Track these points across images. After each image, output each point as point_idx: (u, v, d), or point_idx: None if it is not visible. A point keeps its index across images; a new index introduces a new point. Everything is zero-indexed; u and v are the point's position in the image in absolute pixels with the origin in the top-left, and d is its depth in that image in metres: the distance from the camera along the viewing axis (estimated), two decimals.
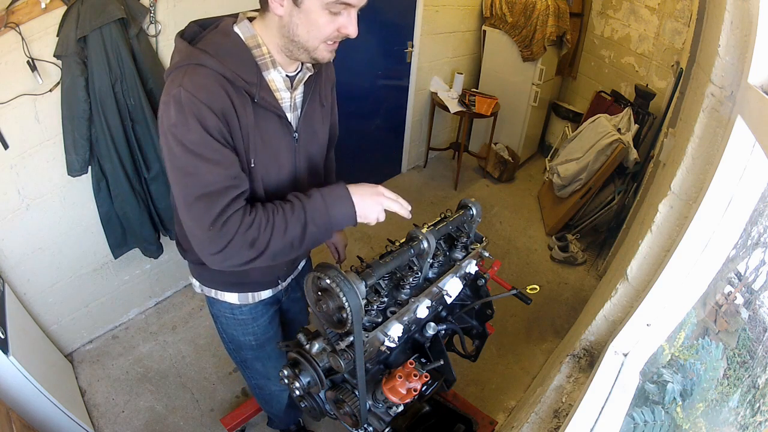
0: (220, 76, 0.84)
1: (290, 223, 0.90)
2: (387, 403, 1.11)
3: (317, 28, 0.85)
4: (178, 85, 0.81)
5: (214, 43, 0.87)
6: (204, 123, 0.81)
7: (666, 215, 1.19)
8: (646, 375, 1.28)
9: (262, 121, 0.93)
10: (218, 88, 0.83)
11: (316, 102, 1.06)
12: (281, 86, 0.96)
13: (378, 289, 1.07)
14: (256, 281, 1.21)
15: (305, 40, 0.87)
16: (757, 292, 1.19)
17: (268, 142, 0.96)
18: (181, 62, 0.84)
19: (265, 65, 0.92)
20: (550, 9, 3.25)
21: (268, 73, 0.93)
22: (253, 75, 0.88)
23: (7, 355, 1.41)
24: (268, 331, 1.33)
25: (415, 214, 1.09)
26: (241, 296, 1.22)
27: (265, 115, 0.93)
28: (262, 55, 0.92)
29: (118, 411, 1.95)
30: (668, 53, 2.93)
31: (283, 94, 0.97)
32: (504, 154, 3.80)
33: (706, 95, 1.01)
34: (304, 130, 1.04)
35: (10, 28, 1.47)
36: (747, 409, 1.10)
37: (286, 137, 1.00)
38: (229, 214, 0.85)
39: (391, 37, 3.11)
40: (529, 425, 1.21)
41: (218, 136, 0.84)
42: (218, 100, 0.83)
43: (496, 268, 2.07)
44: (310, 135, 1.07)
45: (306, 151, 1.07)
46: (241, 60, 0.88)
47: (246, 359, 1.37)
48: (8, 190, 1.69)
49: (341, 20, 0.86)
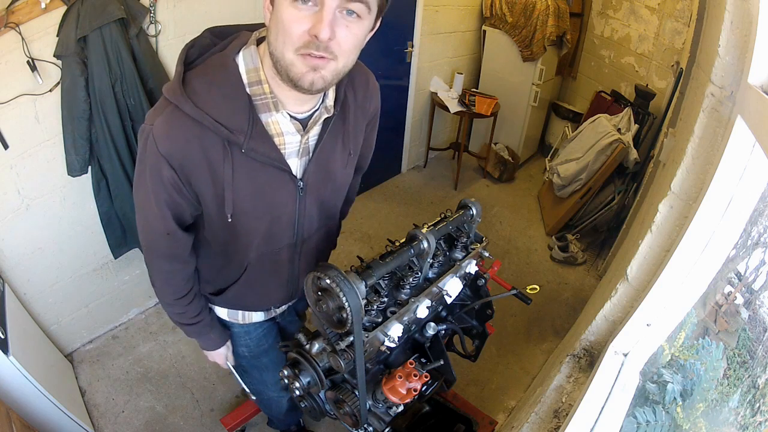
0: (197, 124, 0.76)
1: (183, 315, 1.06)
2: (387, 403, 1.11)
3: (284, 29, 0.70)
4: (151, 123, 0.78)
5: (206, 78, 0.78)
6: (159, 173, 0.80)
7: (666, 215, 1.19)
8: (647, 375, 1.28)
9: (254, 172, 0.83)
10: (187, 140, 0.77)
11: (336, 145, 0.93)
12: (288, 129, 0.84)
13: (378, 289, 1.07)
14: (246, 305, 1.18)
15: (279, 51, 0.73)
16: (757, 292, 1.19)
17: (260, 194, 0.87)
18: (167, 93, 0.78)
19: (265, 106, 0.81)
20: (550, 9, 3.25)
21: (269, 115, 0.81)
22: (243, 121, 0.78)
23: (7, 355, 1.41)
24: (261, 344, 1.28)
25: (415, 214, 1.09)
26: (230, 312, 1.18)
27: (260, 166, 0.83)
28: (263, 94, 0.80)
29: (118, 411, 1.95)
30: (668, 53, 2.93)
31: (290, 138, 0.85)
32: (504, 154, 3.80)
33: (706, 95, 1.01)
34: (314, 177, 0.92)
35: (10, 28, 1.47)
36: (747, 409, 1.10)
37: (285, 187, 0.89)
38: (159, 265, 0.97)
39: (391, 37, 3.11)
40: (529, 425, 1.21)
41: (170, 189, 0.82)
42: (181, 152, 0.78)
43: (496, 268, 2.07)
44: (322, 181, 0.95)
45: (316, 197, 0.97)
46: (231, 103, 0.78)
47: (242, 366, 1.35)
48: (8, 190, 1.69)
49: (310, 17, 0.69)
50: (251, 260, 1.02)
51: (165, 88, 0.78)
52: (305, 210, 0.97)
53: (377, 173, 3.67)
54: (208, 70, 0.79)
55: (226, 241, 0.97)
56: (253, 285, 1.08)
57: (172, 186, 0.82)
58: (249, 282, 1.07)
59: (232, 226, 0.90)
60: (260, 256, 1.01)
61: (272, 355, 1.33)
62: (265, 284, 1.11)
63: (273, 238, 0.98)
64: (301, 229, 1.00)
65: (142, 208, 0.89)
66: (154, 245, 0.94)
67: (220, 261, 1.04)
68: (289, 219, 0.96)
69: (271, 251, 1.01)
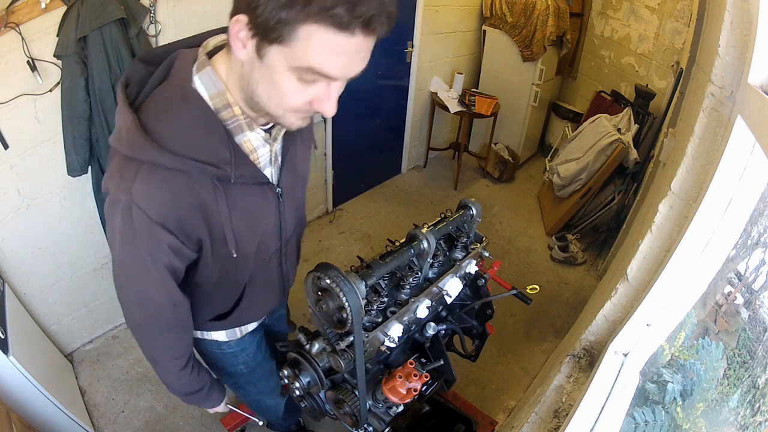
0: (181, 174, 0.69)
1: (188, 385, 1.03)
2: (387, 403, 1.11)
3: (280, 95, 0.65)
4: (127, 192, 0.67)
5: (169, 117, 0.68)
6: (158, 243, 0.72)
7: (666, 215, 1.19)
8: (646, 375, 1.28)
9: (241, 197, 0.80)
10: (176, 196, 0.70)
11: (296, 142, 0.90)
12: (259, 143, 0.80)
13: (378, 289, 1.07)
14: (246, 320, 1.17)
15: (266, 104, 0.68)
16: (757, 292, 1.19)
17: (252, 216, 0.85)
18: (131, 152, 0.66)
19: (238, 128, 0.75)
20: (550, 9, 3.25)
21: (243, 136, 0.76)
22: (225, 151, 0.71)
23: (7, 355, 1.41)
24: (257, 357, 1.29)
25: (415, 214, 1.09)
26: (228, 332, 1.17)
27: (244, 189, 0.80)
28: (234, 117, 0.73)
29: (118, 411, 1.95)
30: (668, 53, 2.93)
31: (262, 151, 0.82)
32: (504, 154, 3.80)
33: (706, 95, 1.01)
34: (286, 180, 0.91)
35: (10, 28, 1.47)
36: (747, 409, 1.10)
37: (267, 198, 0.88)
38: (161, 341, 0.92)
39: (391, 37, 3.06)
40: (529, 425, 1.21)
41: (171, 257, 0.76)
42: (176, 212, 0.71)
43: (496, 268, 2.07)
44: (294, 179, 0.95)
45: (292, 198, 0.97)
46: (207, 134, 0.70)
47: (238, 384, 1.34)
48: (8, 190, 1.69)
49: (315, 91, 0.64)
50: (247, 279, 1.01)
51: (126, 146, 0.67)
52: (285, 214, 0.95)
53: (377, 173, 3.67)
54: (166, 108, 0.69)
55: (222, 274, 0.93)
56: (253, 301, 1.08)
57: (174, 252, 0.75)
58: (249, 300, 1.06)
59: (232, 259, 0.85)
60: (254, 272, 1.00)
61: (266, 365, 1.34)
62: (262, 295, 1.11)
63: (263, 250, 0.97)
64: (284, 234, 0.99)
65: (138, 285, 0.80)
66: (156, 320, 0.86)
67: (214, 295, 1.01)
68: (274, 228, 0.95)
69: (263, 262, 1.00)
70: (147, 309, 0.84)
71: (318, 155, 2.99)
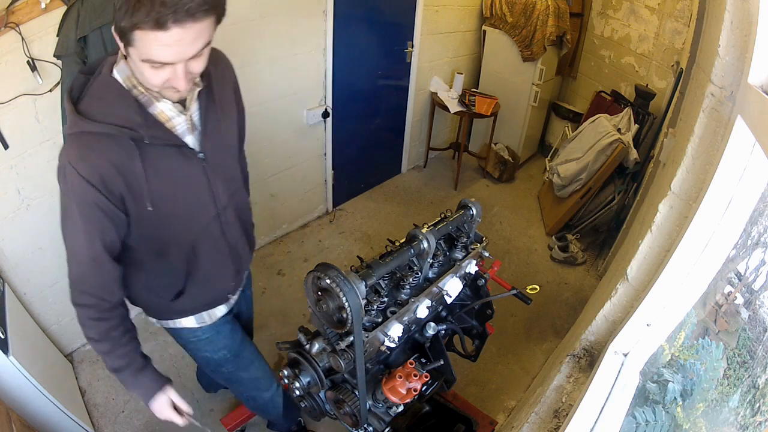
0: (103, 137, 0.86)
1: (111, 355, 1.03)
2: (387, 403, 1.11)
3: (145, 79, 0.84)
4: (65, 156, 0.87)
5: (94, 98, 0.88)
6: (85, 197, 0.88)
7: (666, 215, 1.19)
8: (647, 375, 1.29)
9: (161, 159, 0.93)
10: (99, 156, 0.86)
11: (216, 113, 1.02)
12: (173, 113, 0.94)
13: (378, 289, 1.07)
14: (208, 299, 1.21)
15: (143, 83, 0.87)
16: (757, 292, 1.19)
17: (173, 177, 0.96)
18: (69, 130, 0.87)
19: (149, 101, 0.91)
20: (550, 9, 3.25)
21: (154, 107, 0.91)
22: (136, 115, 0.88)
23: (7, 355, 1.41)
24: (235, 339, 1.33)
25: (415, 214, 1.09)
26: (197, 318, 1.22)
27: (162, 151, 0.93)
28: (142, 93, 0.89)
29: (118, 411, 1.95)
30: (668, 53, 2.93)
31: (177, 120, 0.95)
32: (504, 154, 3.80)
33: (706, 95, 1.01)
34: (209, 146, 1.01)
35: (10, 28, 1.47)
36: (747, 409, 1.10)
37: (191, 162, 0.98)
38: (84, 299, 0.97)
39: (391, 37, 3.11)
40: (529, 425, 1.21)
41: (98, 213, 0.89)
42: (98, 169, 0.86)
43: (496, 268, 2.07)
44: (218, 147, 1.04)
45: (220, 166, 1.05)
46: (123, 106, 0.88)
47: (230, 374, 1.35)
48: (8, 190, 1.69)
49: (166, 73, 0.81)
50: (189, 247, 1.07)
51: (68, 127, 0.87)
52: (214, 180, 1.04)
53: (377, 173, 3.67)
54: (93, 93, 0.89)
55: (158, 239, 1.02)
56: (205, 273, 1.12)
57: (99, 207, 0.89)
58: (199, 269, 1.11)
59: (156, 217, 0.96)
60: (195, 240, 1.07)
61: (250, 347, 1.39)
62: (213, 268, 1.15)
63: (197, 215, 1.04)
64: (218, 201, 1.07)
65: (69, 239, 0.95)
66: (81, 278, 0.96)
67: (161, 265, 1.08)
68: (203, 190, 1.03)
69: (202, 231, 1.07)
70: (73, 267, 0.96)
71: (318, 155, 2.99)
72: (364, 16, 2.84)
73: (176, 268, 1.09)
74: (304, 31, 2.48)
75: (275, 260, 2.83)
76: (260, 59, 2.32)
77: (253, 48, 2.26)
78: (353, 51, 2.82)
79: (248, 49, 2.24)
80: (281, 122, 2.62)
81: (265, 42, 2.31)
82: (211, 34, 0.82)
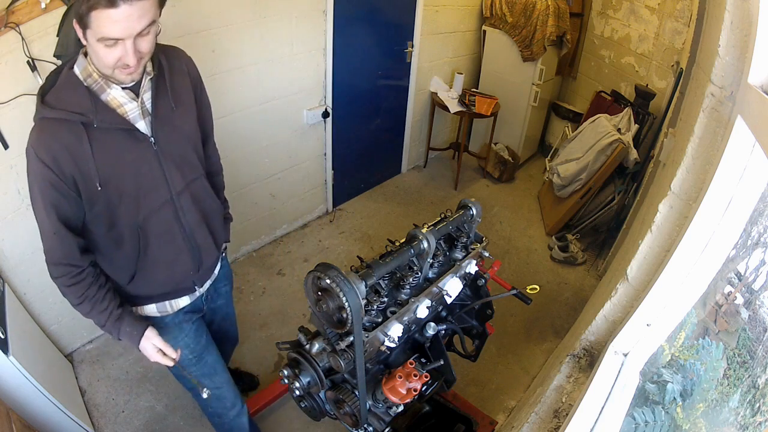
0: (59, 122, 0.95)
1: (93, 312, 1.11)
2: (387, 403, 1.11)
3: (99, 59, 0.94)
4: (29, 141, 0.96)
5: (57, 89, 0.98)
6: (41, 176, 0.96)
7: (666, 215, 1.19)
8: (646, 375, 1.28)
9: (110, 142, 1.01)
10: (54, 139, 0.95)
11: (168, 101, 1.09)
12: (124, 100, 1.02)
13: (378, 289, 1.07)
14: (171, 290, 1.24)
15: (99, 66, 0.96)
16: (757, 292, 1.19)
17: (122, 158, 1.03)
18: (34, 116, 0.97)
19: (101, 89, 0.99)
20: (550, 9, 3.25)
21: (107, 94, 1.00)
22: (87, 102, 0.97)
23: (7, 355, 1.41)
24: (199, 340, 1.34)
25: (415, 214, 1.09)
26: (159, 306, 1.24)
27: (113, 134, 1.01)
28: (95, 81, 0.99)
29: (118, 411, 1.95)
30: (668, 53, 2.93)
31: (129, 106, 1.03)
32: (504, 154, 3.80)
33: (706, 95, 1.01)
34: (161, 132, 1.08)
35: (10, 28, 1.47)
36: (747, 409, 1.10)
37: (141, 146, 1.05)
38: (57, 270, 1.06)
39: (391, 37, 3.11)
40: (529, 425, 1.21)
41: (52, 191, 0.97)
42: (52, 151, 0.95)
43: (496, 268, 2.07)
44: (171, 134, 1.11)
45: (172, 150, 1.11)
46: (76, 94, 0.97)
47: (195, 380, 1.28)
48: (8, 190, 1.69)
49: (118, 51, 0.91)
50: (138, 228, 1.11)
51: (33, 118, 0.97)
52: (167, 165, 1.10)
53: (377, 173, 3.67)
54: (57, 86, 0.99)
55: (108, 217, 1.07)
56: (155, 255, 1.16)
57: (53, 186, 0.97)
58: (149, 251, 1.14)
59: (105, 196, 1.02)
60: (146, 221, 1.11)
61: (214, 355, 1.39)
62: (165, 252, 1.18)
63: (148, 196, 1.09)
64: (172, 185, 1.12)
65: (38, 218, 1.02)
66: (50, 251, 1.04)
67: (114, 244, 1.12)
68: (155, 174, 1.09)
69: (152, 213, 1.11)
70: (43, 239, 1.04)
71: (318, 155, 2.99)
72: (364, 16, 2.84)
73: (127, 249, 1.13)
74: (304, 31, 2.48)
75: (275, 260, 2.83)
76: (260, 59, 2.32)
77: (254, 48, 2.26)
78: (353, 51, 2.82)
79: (248, 49, 2.24)
80: (281, 122, 2.62)
81: (266, 42, 2.31)
82: (155, 14, 0.93)
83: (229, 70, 2.20)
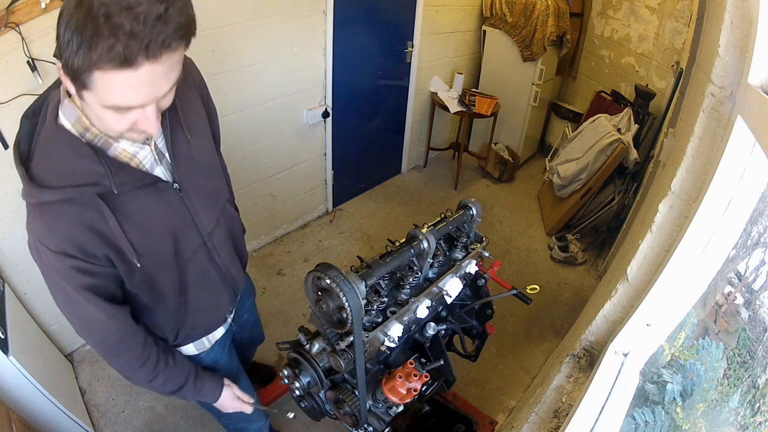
0: (65, 204, 0.74)
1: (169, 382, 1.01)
2: (387, 403, 1.11)
3: (106, 125, 0.72)
4: (32, 233, 0.76)
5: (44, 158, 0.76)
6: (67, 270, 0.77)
7: (666, 215, 1.19)
8: (646, 375, 1.29)
9: (135, 205, 0.82)
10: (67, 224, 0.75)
11: (181, 133, 0.90)
12: (135, 148, 0.81)
13: (378, 289, 1.07)
14: (205, 327, 1.15)
15: (102, 129, 0.74)
16: (757, 292, 1.19)
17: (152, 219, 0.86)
18: (27, 199, 0.76)
19: (106, 143, 0.77)
20: (550, 9, 3.25)
21: (114, 148, 0.78)
22: (98, 166, 0.75)
23: (7, 355, 1.41)
24: (231, 369, 1.28)
25: (415, 214, 1.09)
26: (197, 344, 1.15)
27: (135, 195, 0.82)
28: (96, 136, 0.76)
29: (118, 411, 1.95)
30: (668, 53, 2.93)
31: (141, 154, 0.82)
32: (504, 154, 3.80)
33: (706, 95, 1.01)
34: (183, 173, 0.90)
35: (10, 28, 1.47)
36: (747, 409, 1.10)
37: (167, 196, 0.88)
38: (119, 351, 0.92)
39: (391, 37, 3.11)
40: (529, 425, 1.21)
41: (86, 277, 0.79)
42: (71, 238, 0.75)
43: (496, 268, 2.07)
44: (193, 172, 0.93)
45: (197, 190, 0.95)
46: (77, 158, 0.74)
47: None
48: (8, 190, 1.69)
49: (133, 117, 0.69)
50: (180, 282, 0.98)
51: (24, 196, 0.76)
52: (195, 207, 0.94)
53: (377, 173, 3.67)
54: (44, 148, 0.76)
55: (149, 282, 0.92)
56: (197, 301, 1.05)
57: (85, 273, 0.79)
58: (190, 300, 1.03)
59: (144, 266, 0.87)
60: (184, 271, 0.98)
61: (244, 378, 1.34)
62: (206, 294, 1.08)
63: (184, 246, 0.95)
64: (202, 228, 0.98)
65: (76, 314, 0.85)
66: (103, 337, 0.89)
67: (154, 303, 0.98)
68: (185, 222, 0.94)
69: (190, 260, 0.98)
70: (93, 331, 0.88)
71: (318, 155, 2.99)
72: (364, 15, 2.84)
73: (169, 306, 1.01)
74: (304, 31, 2.48)
75: (275, 260, 2.83)
76: (260, 59, 2.32)
77: (253, 48, 2.26)
78: (353, 51, 2.82)
79: (248, 49, 2.24)
80: (281, 122, 2.62)
81: (265, 42, 2.31)
82: (181, 62, 0.69)
83: (229, 70, 2.20)
